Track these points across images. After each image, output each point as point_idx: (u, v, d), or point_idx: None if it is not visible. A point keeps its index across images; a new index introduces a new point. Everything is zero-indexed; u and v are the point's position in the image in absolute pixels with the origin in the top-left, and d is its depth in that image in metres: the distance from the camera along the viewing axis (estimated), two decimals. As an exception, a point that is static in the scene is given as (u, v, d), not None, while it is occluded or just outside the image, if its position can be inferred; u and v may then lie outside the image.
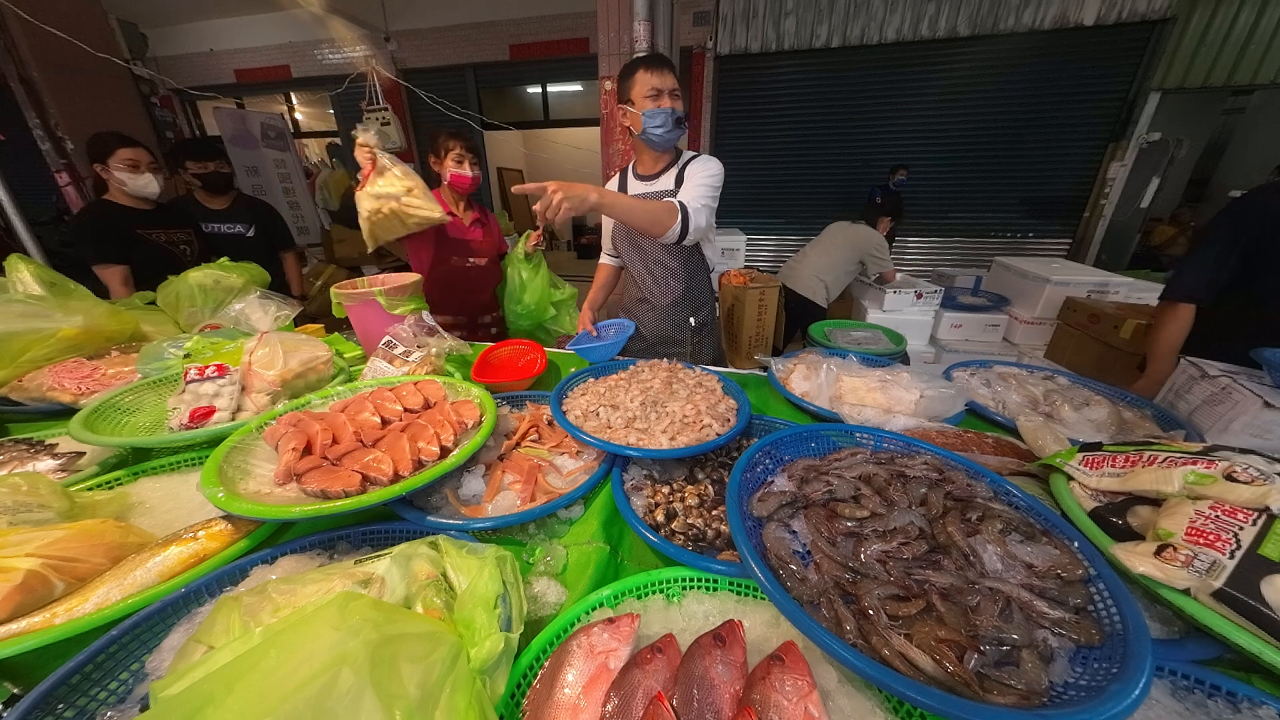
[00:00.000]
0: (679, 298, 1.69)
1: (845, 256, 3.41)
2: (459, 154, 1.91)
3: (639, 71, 1.44)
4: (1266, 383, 0.98)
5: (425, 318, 1.42)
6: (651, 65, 1.45)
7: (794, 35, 5.18)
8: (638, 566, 0.78)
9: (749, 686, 0.50)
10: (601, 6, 3.06)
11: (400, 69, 6.48)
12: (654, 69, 1.44)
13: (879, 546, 0.64)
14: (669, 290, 1.68)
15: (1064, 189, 5.15)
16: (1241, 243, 1.30)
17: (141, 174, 2.00)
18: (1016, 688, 0.46)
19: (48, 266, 1.53)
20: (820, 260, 3.37)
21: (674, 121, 1.46)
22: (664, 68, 1.44)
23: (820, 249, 3.44)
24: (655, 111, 1.43)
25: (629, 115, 1.50)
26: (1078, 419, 1.11)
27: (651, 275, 1.68)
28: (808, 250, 3.53)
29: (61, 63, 3.20)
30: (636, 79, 1.44)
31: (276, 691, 0.38)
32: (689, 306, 1.72)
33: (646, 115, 1.44)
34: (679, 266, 1.65)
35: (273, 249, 2.59)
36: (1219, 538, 0.56)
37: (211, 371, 1.10)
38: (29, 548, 0.62)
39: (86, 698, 0.54)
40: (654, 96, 1.43)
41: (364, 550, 0.77)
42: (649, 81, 1.43)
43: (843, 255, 3.40)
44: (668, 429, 0.94)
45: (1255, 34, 4.27)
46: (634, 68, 1.46)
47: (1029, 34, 4.69)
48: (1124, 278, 3.23)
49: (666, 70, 1.44)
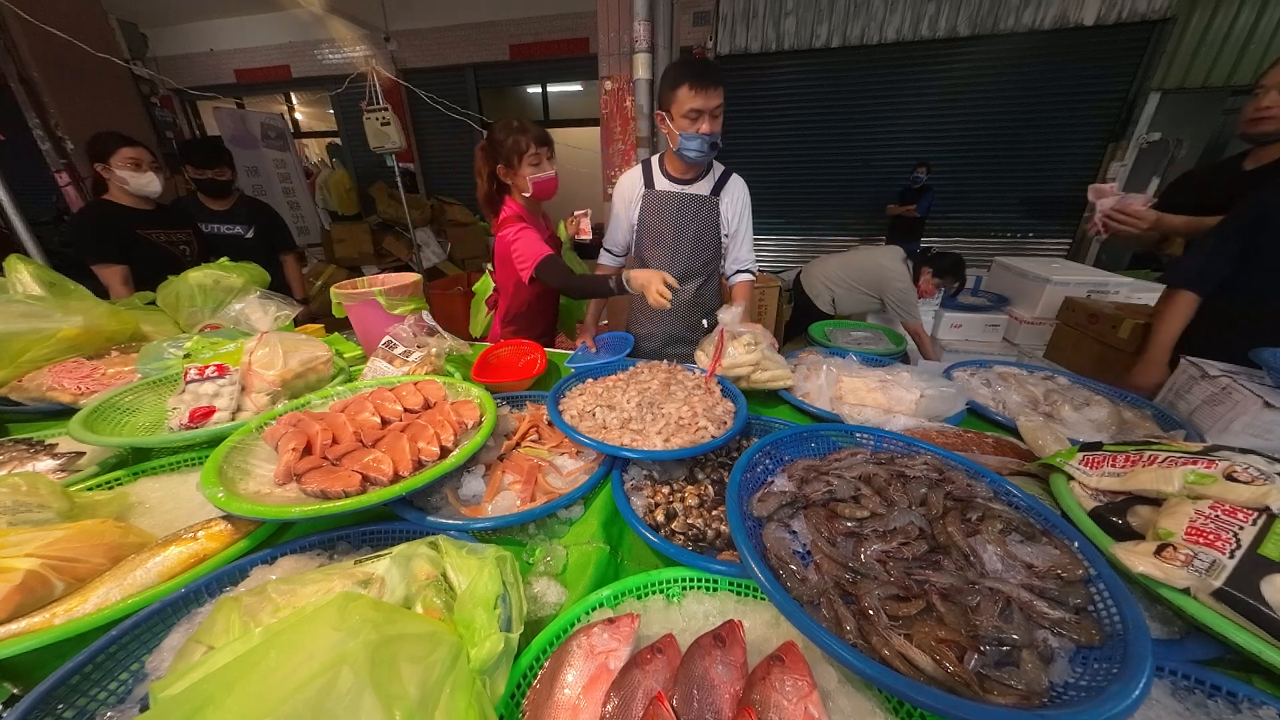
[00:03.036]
0: (693, 299, 1.70)
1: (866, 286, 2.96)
2: (536, 154, 1.52)
3: (682, 87, 1.31)
4: (1266, 383, 0.98)
5: (425, 318, 1.42)
6: (696, 83, 1.29)
7: (794, 35, 5.17)
8: (638, 566, 0.78)
9: (749, 687, 0.50)
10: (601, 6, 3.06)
11: (400, 69, 6.48)
12: (699, 88, 1.29)
13: (879, 546, 0.64)
14: (685, 292, 1.69)
15: (1064, 189, 5.14)
16: (1240, 238, 1.31)
17: (144, 173, 2.00)
18: (1016, 688, 0.46)
19: (48, 266, 1.53)
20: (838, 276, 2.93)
21: (709, 146, 1.40)
22: (709, 85, 1.30)
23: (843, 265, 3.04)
24: (692, 136, 1.36)
25: (666, 125, 1.42)
26: (1078, 419, 1.11)
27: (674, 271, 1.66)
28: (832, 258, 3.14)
29: (61, 63, 3.19)
30: (679, 95, 1.32)
31: (276, 692, 0.38)
32: (702, 308, 1.74)
33: (684, 138, 1.38)
34: (700, 265, 1.67)
35: (272, 251, 2.58)
36: (1219, 537, 0.56)
37: (211, 371, 1.10)
38: (29, 548, 0.62)
39: (86, 698, 0.54)
40: (693, 119, 1.34)
41: (364, 550, 0.77)
42: (690, 102, 1.31)
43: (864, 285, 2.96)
44: (662, 430, 0.94)
45: (1255, 34, 4.27)
46: (678, 80, 1.32)
47: (1029, 34, 4.68)
48: (1124, 278, 3.23)
49: (711, 89, 1.30)
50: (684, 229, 1.59)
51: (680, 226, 1.59)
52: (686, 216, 1.58)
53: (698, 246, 1.61)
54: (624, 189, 1.67)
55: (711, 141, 1.40)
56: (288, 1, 5.73)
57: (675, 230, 1.60)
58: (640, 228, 1.67)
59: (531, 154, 1.52)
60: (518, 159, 1.52)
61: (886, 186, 5.38)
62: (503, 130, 1.53)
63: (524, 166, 1.52)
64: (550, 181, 1.58)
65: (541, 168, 1.55)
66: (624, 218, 1.69)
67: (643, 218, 1.64)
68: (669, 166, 1.59)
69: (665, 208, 1.59)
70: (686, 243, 1.61)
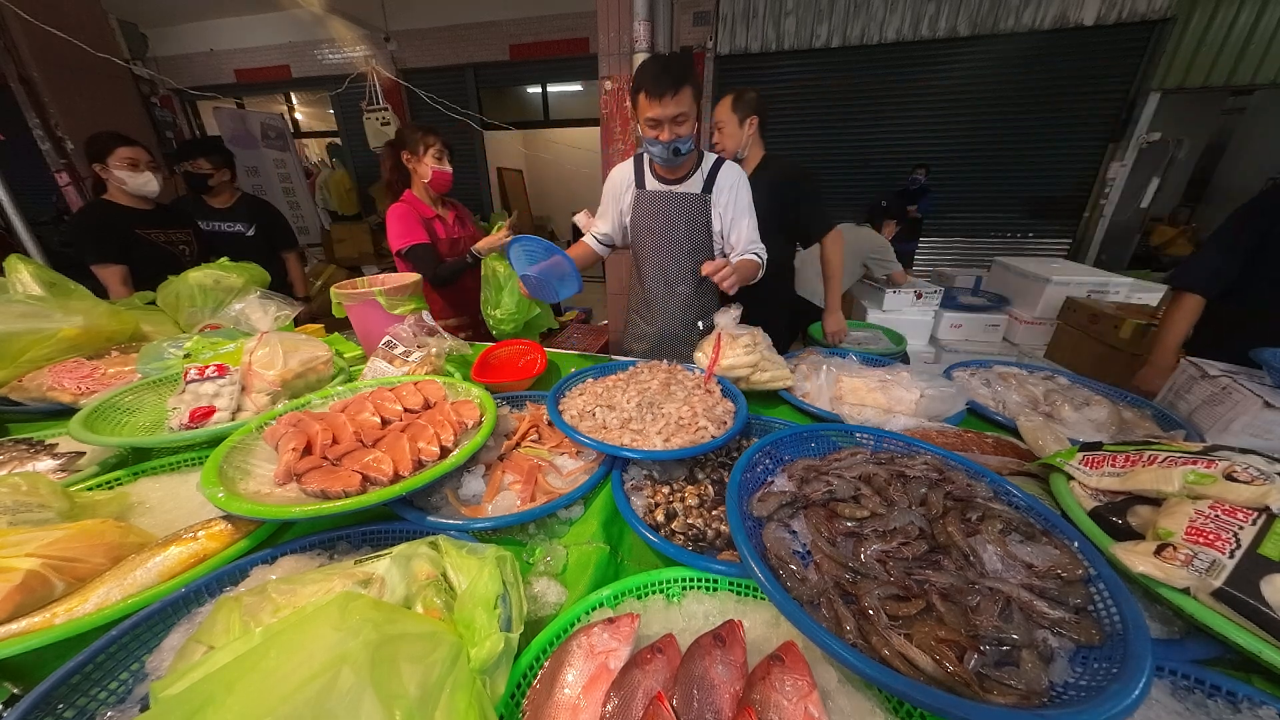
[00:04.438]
0: (688, 300, 1.68)
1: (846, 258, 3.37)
2: (439, 150, 1.85)
3: (640, 95, 1.30)
4: (1266, 383, 0.98)
5: (425, 318, 1.42)
6: (651, 91, 1.27)
7: (794, 35, 5.17)
8: (638, 566, 0.78)
9: (749, 687, 0.50)
10: (601, 6, 3.05)
11: (400, 69, 6.48)
12: (653, 97, 1.27)
13: (879, 546, 0.64)
14: (680, 294, 1.66)
15: (1064, 189, 5.14)
16: (1247, 239, 1.31)
17: (141, 172, 1.99)
18: (1016, 688, 0.46)
19: (48, 266, 1.53)
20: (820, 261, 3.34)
21: (672, 152, 1.36)
22: (664, 93, 1.26)
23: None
24: (653, 142, 1.36)
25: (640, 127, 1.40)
26: (1078, 419, 1.11)
27: (665, 279, 1.65)
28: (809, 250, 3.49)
29: (61, 63, 3.19)
30: (639, 101, 1.31)
31: (276, 692, 0.38)
32: (697, 310, 1.70)
33: (646, 142, 1.38)
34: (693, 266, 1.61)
35: (273, 249, 2.58)
36: (1219, 537, 0.56)
37: (211, 371, 1.10)
38: (29, 548, 0.62)
39: (86, 698, 0.54)
40: (653, 126, 1.32)
41: (364, 550, 0.77)
42: (648, 110, 1.30)
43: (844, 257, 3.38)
44: (662, 430, 0.94)
45: (1255, 34, 4.27)
46: (637, 86, 1.31)
47: (1029, 34, 4.68)
48: (1124, 278, 3.23)
49: (667, 97, 1.26)
50: (674, 229, 1.57)
51: (670, 227, 1.57)
52: (676, 217, 1.55)
53: (689, 247, 1.58)
54: (615, 182, 1.64)
55: (674, 148, 1.36)
56: (288, 1, 5.72)
57: (666, 231, 1.58)
58: (632, 228, 1.66)
59: (436, 149, 1.85)
60: (424, 149, 1.84)
61: (886, 186, 5.38)
62: (412, 129, 1.88)
63: (427, 156, 1.84)
64: (445, 175, 1.89)
65: (442, 164, 1.87)
66: (613, 212, 1.67)
67: (634, 218, 1.62)
68: (656, 166, 1.56)
69: (655, 208, 1.57)
70: (678, 243, 1.58)
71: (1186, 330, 1.41)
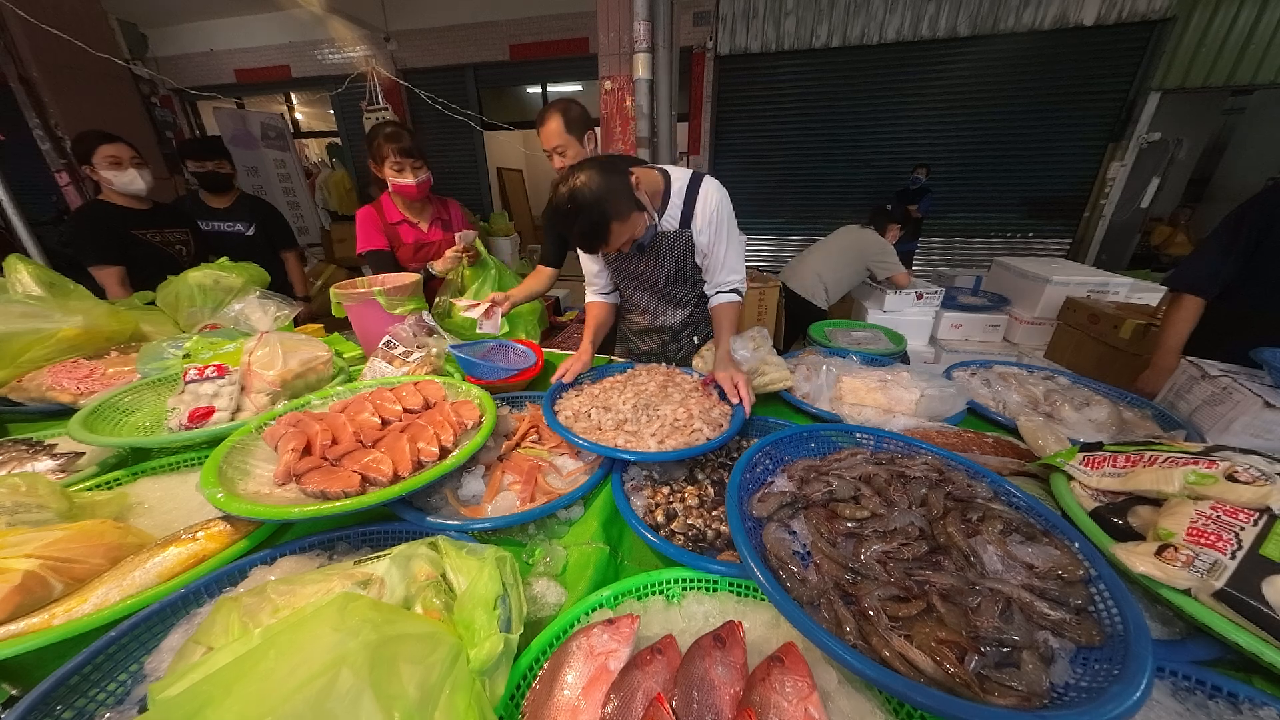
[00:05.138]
0: (683, 322, 1.61)
1: (848, 260, 3.35)
2: (396, 161, 1.72)
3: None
4: (1267, 383, 0.98)
5: (425, 318, 1.42)
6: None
7: (794, 35, 5.18)
8: (637, 567, 0.78)
9: (749, 688, 0.49)
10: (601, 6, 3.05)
11: (400, 69, 6.48)
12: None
13: (879, 547, 0.64)
14: (674, 316, 1.60)
15: (1064, 189, 5.15)
16: (1245, 239, 1.31)
17: (125, 170, 1.94)
18: (1017, 689, 0.46)
19: (47, 266, 1.53)
20: (822, 261, 3.34)
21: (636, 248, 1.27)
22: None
23: (824, 250, 3.41)
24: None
25: None
26: (1078, 419, 1.11)
27: (656, 308, 1.58)
28: (811, 251, 3.50)
29: (61, 63, 3.19)
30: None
31: (276, 692, 0.38)
32: (693, 328, 1.64)
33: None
34: (685, 295, 1.55)
35: (273, 248, 2.58)
36: (1220, 538, 0.56)
37: (211, 372, 1.10)
38: (28, 548, 0.62)
39: (85, 699, 0.54)
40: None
41: (363, 551, 0.77)
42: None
43: (845, 259, 3.34)
44: (656, 432, 0.94)
45: (1255, 34, 4.27)
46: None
47: (1029, 34, 4.69)
48: (1124, 278, 3.23)
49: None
50: (657, 272, 1.44)
51: (654, 270, 1.44)
52: (656, 255, 1.40)
53: (674, 281, 1.47)
54: None
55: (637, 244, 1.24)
56: (288, 1, 5.72)
57: (649, 274, 1.46)
58: (612, 268, 1.54)
59: (393, 160, 1.72)
60: (380, 160, 1.73)
61: (887, 186, 5.38)
62: (376, 131, 1.75)
63: (385, 166, 1.74)
64: (406, 188, 1.77)
65: (403, 175, 1.74)
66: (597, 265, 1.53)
67: (610, 259, 1.49)
68: None
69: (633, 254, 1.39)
70: (661, 281, 1.46)
71: (1187, 332, 1.40)
